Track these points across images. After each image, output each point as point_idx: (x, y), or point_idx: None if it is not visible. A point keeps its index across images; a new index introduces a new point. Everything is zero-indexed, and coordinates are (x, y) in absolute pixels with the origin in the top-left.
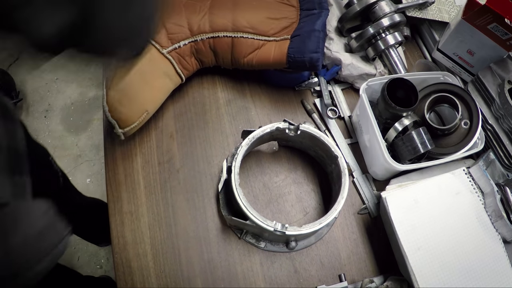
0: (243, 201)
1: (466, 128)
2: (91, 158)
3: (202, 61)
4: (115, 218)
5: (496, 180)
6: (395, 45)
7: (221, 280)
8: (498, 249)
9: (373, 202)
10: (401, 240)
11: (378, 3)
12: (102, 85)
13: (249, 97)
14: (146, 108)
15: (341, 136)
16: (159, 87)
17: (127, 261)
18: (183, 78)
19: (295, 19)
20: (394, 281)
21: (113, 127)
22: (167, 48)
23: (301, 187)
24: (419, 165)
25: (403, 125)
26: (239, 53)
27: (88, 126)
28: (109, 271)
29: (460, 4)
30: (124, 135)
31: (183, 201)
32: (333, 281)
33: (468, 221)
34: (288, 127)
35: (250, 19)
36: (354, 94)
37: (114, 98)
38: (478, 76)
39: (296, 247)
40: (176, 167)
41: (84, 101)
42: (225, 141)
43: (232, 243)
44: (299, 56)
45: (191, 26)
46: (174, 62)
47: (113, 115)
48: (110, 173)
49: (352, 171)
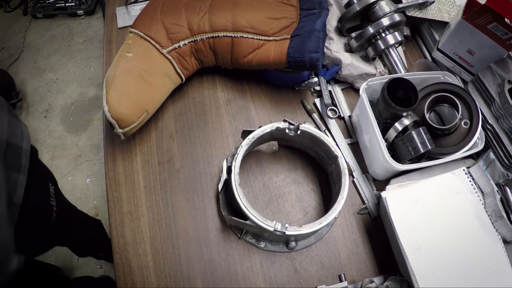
0: (243, 201)
1: (466, 128)
2: (91, 158)
3: (202, 61)
4: (115, 218)
5: (496, 180)
6: (395, 44)
7: (221, 280)
8: (498, 249)
9: (373, 202)
10: (401, 240)
11: (378, 2)
12: (102, 85)
13: (249, 97)
14: (146, 108)
15: (341, 136)
16: (159, 87)
17: (127, 261)
18: (183, 78)
19: (295, 19)
20: (394, 281)
21: (113, 127)
22: (167, 48)
23: (301, 187)
24: (419, 165)
25: (403, 125)
26: (239, 53)
27: (88, 126)
28: (109, 271)
29: (460, 4)
30: (124, 135)
31: (183, 201)
32: (333, 281)
33: (468, 221)
34: (288, 127)
35: (250, 19)
36: (354, 94)
37: (114, 98)
38: (478, 76)
39: (296, 247)
40: (176, 167)
41: (84, 101)
42: (225, 141)
43: (232, 243)
44: (299, 56)
45: (191, 26)
46: (174, 62)
47: (113, 115)
48: (110, 173)
49: (352, 171)
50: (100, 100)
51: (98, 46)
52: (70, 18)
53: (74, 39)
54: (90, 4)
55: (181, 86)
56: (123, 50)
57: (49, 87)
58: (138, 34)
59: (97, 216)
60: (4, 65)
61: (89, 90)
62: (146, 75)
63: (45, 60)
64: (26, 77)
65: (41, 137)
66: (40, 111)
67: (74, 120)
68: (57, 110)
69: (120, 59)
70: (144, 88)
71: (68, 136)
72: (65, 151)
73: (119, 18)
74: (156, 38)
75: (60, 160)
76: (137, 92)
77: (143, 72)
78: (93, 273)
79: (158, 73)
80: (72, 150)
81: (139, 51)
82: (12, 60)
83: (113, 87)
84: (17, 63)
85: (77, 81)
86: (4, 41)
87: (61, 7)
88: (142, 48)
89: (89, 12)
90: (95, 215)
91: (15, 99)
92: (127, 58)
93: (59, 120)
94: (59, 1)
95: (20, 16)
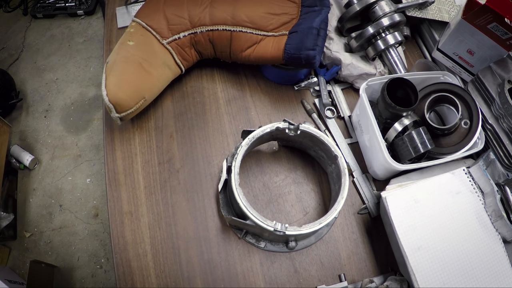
0: (243, 201)
1: (466, 128)
2: (91, 158)
3: (201, 52)
4: (115, 218)
5: (496, 180)
6: (395, 44)
7: (221, 280)
8: (498, 249)
9: (373, 202)
10: (401, 240)
11: (378, 2)
12: (102, 83)
13: (249, 97)
14: (143, 95)
15: (341, 136)
16: (157, 76)
17: (127, 261)
18: (183, 69)
19: (296, 15)
20: (394, 281)
21: (110, 111)
22: (167, 39)
23: (301, 187)
24: (419, 165)
25: (403, 125)
26: (237, 47)
27: (88, 126)
28: (109, 271)
29: (460, 3)
30: (120, 120)
31: (183, 201)
32: (333, 281)
33: (468, 221)
34: (288, 127)
35: (250, 13)
36: (354, 94)
37: (113, 83)
38: (478, 75)
39: (296, 247)
40: (176, 167)
41: (84, 101)
42: (225, 141)
43: (232, 243)
44: (296, 52)
45: (191, 18)
46: (173, 53)
47: (111, 99)
48: (110, 173)
49: (352, 171)
50: (100, 100)
51: (98, 46)
52: (70, 18)
53: (74, 39)
54: (90, 4)
55: (181, 86)
56: (125, 38)
57: (49, 87)
58: (140, 24)
59: (97, 216)
60: (4, 65)
61: (89, 90)
62: (146, 63)
63: (45, 60)
64: (26, 77)
65: (41, 137)
66: (40, 111)
67: (74, 120)
68: (57, 110)
69: (121, 47)
70: (143, 76)
71: (68, 136)
72: (65, 151)
73: (119, 18)
74: (157, 29)
75: (60, 160)
76: (136, 79)
77: (143, 61)
78: (93, 273)
79: (158, 63)
80: (72, 150)
81: (140, 40)
82: (12, 60)
83: (113, 72)
84: (17, 63)
85: (77, 81)
86: (4, 41)
87: (61, 7)
88: (144, 38)
89: (89, 12)
90: (95, 215)
91: (15, 99)
92: (128, 46)
93: (59, 120)
94: (59, 1)
95: (20, 16)
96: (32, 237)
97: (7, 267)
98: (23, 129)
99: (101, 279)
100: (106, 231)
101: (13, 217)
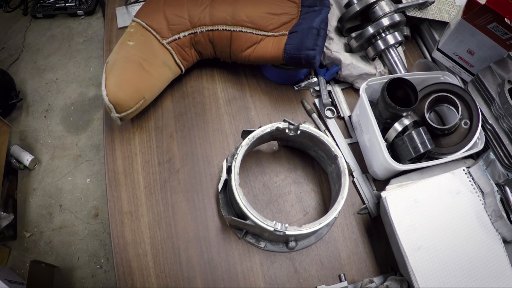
0: (243, 201)
1: (466, 128)
2: (91, 158)
3: (201, 52)
4: (115, 218)
5: (496, 180)
6: (395, 45)
7: (221, 280)
8: (498, 249)
9: (373, 202)
10: (401, 240)
11: (378, 2)
12: (102, 83)
13: (249, 97)
14: (143, 95)
15: (341, 136)
16: (157, 76)
17: (127, 261)
18: (183, 69)
19: (296, 15)
20: (394, 281)
21: (110, 111)
22: (167, 39)
23: (301, 187)
24: (419, 165)
25: (403, 125)
26: (237, 47)
27: (88, 126)
28: (109, 271)
29: (460, 4)
30: (120, 120)
31: (183, 201)
32: (333, 281)
33: (468, 221)
34: (288, 127)
35: (250, 13)
36: (354, 94)
37: (113, 83)
38: (478, 75)
39: (296, 247)
40: (176, 167)
41: (84, 101)
42: (225, 141)
43: (232, 243)
44: (295, 52)
45: (191, 18)
46: (173, 53)
47: (111, 99)
48: (110, 173)
49: (352, 171)
50: (100, 100)
51: (98, 46)
52: (70, 18)
53: (74, 39)
54: (90, 4)
55: (181, 86)
56: (125, 38)
57: (49, 87)
58: (140, 24)
59: (97, 216)
60: (4, 65)
61: (89, 90)
62: (145, 63)
63: (45, 60)
64: (26, 77)
65: (41, 137)
66: (40, 111)
67: (74, 120)
68: (57, 110)
69: (121, 47)
70: (143, 76)
71: (68, 136)
72: (65, 151)
73: (119, 18)
74: (157, 29)
75: (60, 160)
76: (136, 79)
77: (142, 61)
78: (93, 273)
79: (158, 63)
80: (72, 150)
81: (140, 40)
82: (12, 60)
83: (113, 72)
84: (17, 63)
85: (77, 81)
86: (4, 41)
87: (61, 7)
88: (144, 38)
89: (89, 12)
90: (95, 215)
91: (15, 99)
92: (128, 46)
93: (59, 120)
94: (59, 1)
95: (20, 16)
96: (32, 237)
97: (7, 267)
98: (23, 129)
99: (101, 279)
100: (106, 231)
101: (13, 217)
